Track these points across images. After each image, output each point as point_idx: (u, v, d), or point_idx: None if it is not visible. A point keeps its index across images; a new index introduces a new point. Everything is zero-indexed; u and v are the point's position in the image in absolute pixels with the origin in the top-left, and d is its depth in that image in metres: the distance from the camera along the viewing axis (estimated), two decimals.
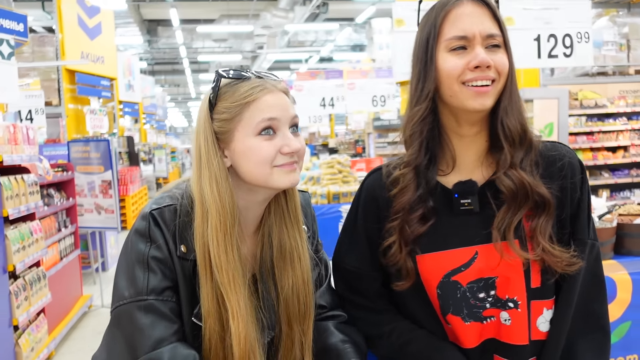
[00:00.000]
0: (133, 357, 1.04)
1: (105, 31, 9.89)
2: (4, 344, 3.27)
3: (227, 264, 1.08)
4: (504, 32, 1.12)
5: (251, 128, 1.09)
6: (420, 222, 1.13)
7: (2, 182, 3.36)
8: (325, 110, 8.74)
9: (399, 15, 3.79)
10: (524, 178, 1.09)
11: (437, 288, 1.15)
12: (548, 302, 1.15)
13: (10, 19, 4.03)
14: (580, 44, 4.08)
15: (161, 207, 1.11)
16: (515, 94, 1.12)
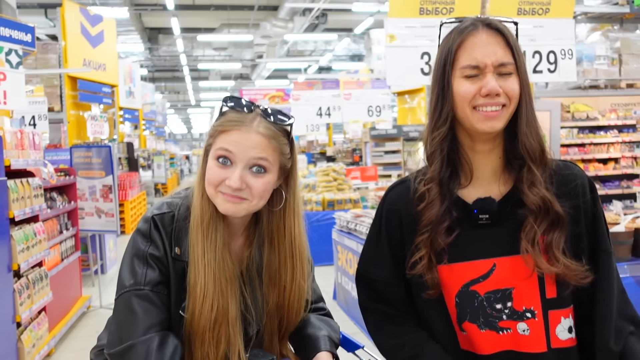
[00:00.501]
0: (128, 338, 1.19)
1: (107, 39, 10.05)
2: (7, 339, 3.42)
3: (203, 251, 1.25)
4: (516, 59, 1.17)
5: (214, 151, 1.24)
6: (446, 234, 1.20)
7: (9, 185, 3.52)
8: (322, 119, 8.91)
9: (391, 31, 3.97)
10: (545, 195, 1.16)
11: (455, 297, 1.22)
12: (565, 311, 1.20)
13: (18, 29, 4.21)
14: (564, 60, 4.26)
15: (161, 213, 1.28)
16: (531, 115, 1.18)
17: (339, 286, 5.16)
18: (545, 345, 1.18)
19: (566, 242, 1.17)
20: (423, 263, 1.21)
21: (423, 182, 1.25)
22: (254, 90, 16.43)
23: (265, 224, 1.34)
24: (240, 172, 1.21)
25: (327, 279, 5.61)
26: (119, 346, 1.19)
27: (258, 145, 1.22)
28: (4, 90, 4.08)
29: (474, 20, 1.21)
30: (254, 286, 1.36)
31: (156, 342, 1.19)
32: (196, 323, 1.24)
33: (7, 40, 4.13)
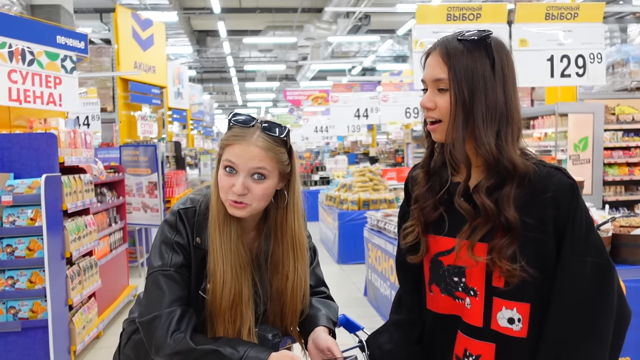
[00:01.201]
0: (155, 309, 1.41)
1: (157, 43, 10.50)
2: (61, 319, 3.77)
3: (217, 244, 1.45)
4: (452, 75, 1.25)
5: (222, 162, 1.44)
6: (432, 210, 1.38)
7: (63, 180, 3.87)
8: (359, 120, 9.07)
9: (417, 37, 4.12)
10: (484, 202, 1.25)
11: (429, 262, 1.43)
12: (510, 303, 1.28)
13: (73, 37, 4.58)
14: (593, 64, 4.30)
15: (186, 207, 1.50)
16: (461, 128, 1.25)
17: (370, 283, 5.32)
18: (481, 322, 1.33)
19: (525, 248, 1.26)
20: (411, 230, 1.43)
21: (419, 167, 1.47)
22: (298, 91, 16.70)
23: (272, 219, 1.55)
24: (242, 179, 1.41)
25: (360, 276, 5.78)
26: (148, 316, 1.41)
27: (256, 157, 1.41)
28: (59, 94, 4.45)
29: (434, 43, 1.35)
30: (262, 272, 1.56)
31: (177, 314, 1.40)
32: (217, 304, 1.45)
33: (63, 47, 4.50)
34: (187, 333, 1.39)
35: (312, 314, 1.59)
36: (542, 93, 11.75)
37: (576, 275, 1.23)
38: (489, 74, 1.26)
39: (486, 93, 1.26)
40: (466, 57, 1.26)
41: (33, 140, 3.80)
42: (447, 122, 1.29)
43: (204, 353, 1.37)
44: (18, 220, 3.60)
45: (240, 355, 1.36)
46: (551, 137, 9.02)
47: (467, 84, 1.25)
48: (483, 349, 1.33)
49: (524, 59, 4.33)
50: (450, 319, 1.41)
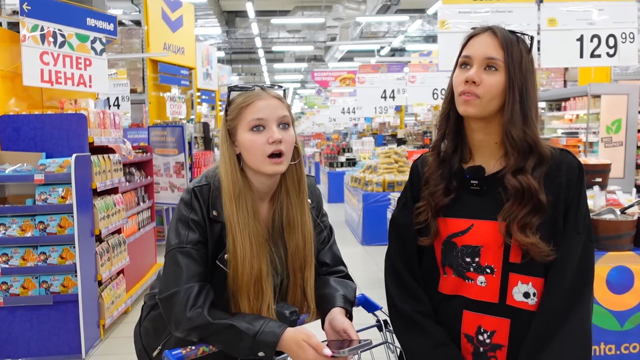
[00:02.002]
0: (173, 286, 1.44)
1: (185, 24, 10.56)
2: (91, 294, 3.91)
3: (235, 219, 1.48)
4: (507, 58, 1.33)
5: (246, 124, 1.48)
6: (443, 195, 1.42)
7: (92, 160, 3.98)
8: (386, 102, 9.01)
9: (443, 17, 4.07)
10: (531, 183, 1.32)
11: (442, 244, 1.46)
12: (525, 277, 1.36)
13: (102, 19, 4.66)
14: (624, 44, 4.18)
15: (200, 185, 1.53)
16: (519, 109, 1.33)
17: None
18: (497, 298, 1.39)
19: (543, 224, 1.34)
20: (422, 211, 1.46)
21: (430, 149, 1.51)
22: (326, 72, 16.63)
23: (290, 177, 1.57)
24: (275, 129, 1.46)
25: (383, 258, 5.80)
26: (166, 292, 1.45)
27: (278, 107, 1.48)
28: (89, 75, 4.55)
29: (481, 27, 1.41)
30: (277, 243, 1.58)
31: (195, 290, 1.43)
32: (239, 280, 1.48)
33: (93, 29, 4.59)
34: (204, 308, 1.41)
35: (330, 293, 1.59)
36: (575, 74, 11.47)
37: (574, 251, 1.34)
38: (531, 68, 1.38)
39: (532, 83, 1.37)
40: (518, 47, 1.37)
41: (64, 120, 3.91)
42: (486, 100, 1.34)
43: (221, 328, 1.40)
44: (50, 198, 3.73)
45: (256, 329, 1.38)
46: (583, 119, 8.84)
47: (521, 71, 1.35)
48: (498, 325, 1.40)
49: (553, 39, 4.24)
50: (454, 299, 1.45)
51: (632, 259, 3.31)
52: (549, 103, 10.21)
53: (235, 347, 1.40)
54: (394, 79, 8.87)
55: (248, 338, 1.38)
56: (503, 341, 1.39)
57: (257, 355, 1.39)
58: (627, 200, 3.61)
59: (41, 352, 3.75)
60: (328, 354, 1.33)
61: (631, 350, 3.35)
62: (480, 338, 1.42)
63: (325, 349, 1.34)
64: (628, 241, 3.32)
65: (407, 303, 1.48)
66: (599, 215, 3.37)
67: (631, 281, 3.31)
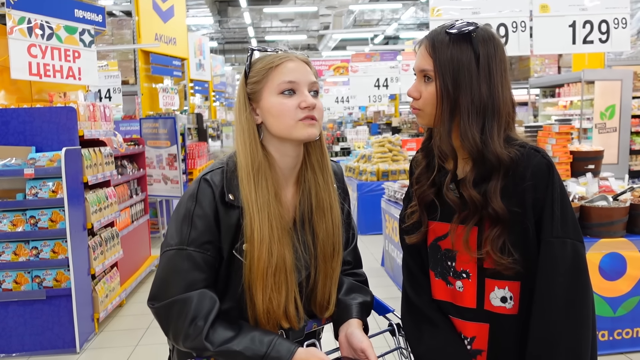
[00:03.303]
0: (169, 295, 1.27)
1: (177, 14, 10.47)
2: (84, 288, 3.89)
3: (253, 198, 1.31)
4: (437, 66, 1.28)
5: (274, 87, 1.31)
6: (429, 188, 1.40)
7: (83, 153, 3.95)
8: (379, 90, 8.98)
9: (434, 4, 4.03)
10: (472, 195, 1.28)
11: (428, 247, 1.46)
12: (501, 282, 1.33)
13: (90, 11, 4.60)
14: (617, 30, 4.16)
15: (211, 170, 1.35)
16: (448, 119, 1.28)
17: (387, 253, 5.36)
18: (475, 303, 1.37)
19: (510, 236, 1.29)
20: (416, 212, 1.44)
21: (419, 150, 1.51)
22: (320, 61, 16.54)
23: (314, 155, 1.42)
24: (307, 93, 1.32)
25: (378, 247, 5.82)
26: (161, 302, 1.28)
27: (309, 71, 1.35)
28: (78, 67, 4.51)
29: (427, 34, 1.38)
30: (304, 233, 1.42)
31: (194, 302, 1.26)
32: (256, 268, 1.30)
33: (81, 21, 4.53)
34: (206, 325, 1.25)
35: (347, 301, 1.46)
36: (569, 60, 11.45)
37: (558, 257, 1.26)
38: (474, 67, 1.28)
39: (471, 86, 1.28)
40: (451, 49, 1.28)
41: (53, 113, 3.87)
42: (429, 111, 1.33)
43: (221, 353, 1.25)
44: (40, 192, 3.70)
45: (262, 353, 1.24)
46: (577, 105, 8.82)
47: (452, 76, 1.28)
48: (477, 330, 1.39)
49: (545, 25, 4.21)
50: (444, 305, 1.44)
51: (624, 245, 3.32)
52: (542, 90, 10.21)
53: None
54: (387, 68, 8.83)
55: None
56: (483, 346, 1.38)
57: None
58: (619, 187, 3.61)
59: (35, 347, 3.74)
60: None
61: (624, 336, 3.37)
62: None
63: None
64: (620, 228, 3.33)
65: (420, 297, 1.47)
66: (592, 202, 3.37)
67: (624, 267, 3.32)
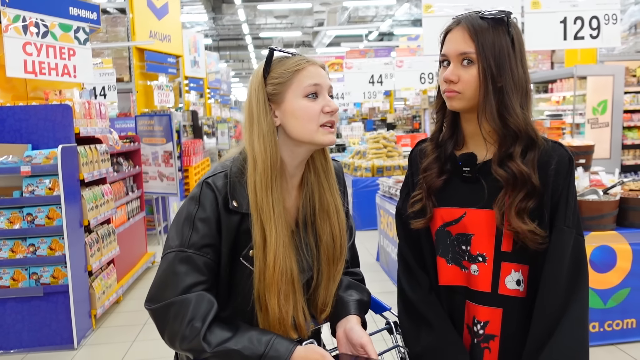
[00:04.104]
0: (167, 296, 1.26)
1: (171, 11, 10.47)
2: (81, 284, 3.92)
3: (268, 205, 1.30)
4: (479, 50, 1.32)
5: (300, 90, 1.32)
6: (436, 177, 1.43)
7: (79, 150, 3.97)
8: (374, 87, 9.01)
9: (428, 1, 4.07)
10: (522, 168, 1.32)
11: (435, 234, 1.47)
12: (517, 265, 1.37)
13: (85, 8, 4.61)
14: (607, 26, 4.20)
15: (214, 174, 1.34)
16: (494, 99, 1.33)
17: (381, 249, 5.40)
18: (490, 287, 1.39)
19: (535, 210, 1.34)
20: (419, 197, 1.47)
21: (428, 140, 1.54)
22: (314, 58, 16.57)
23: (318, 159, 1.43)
24: (328, 98, 1.35)
25: (373, 242, 5.86)
26: (158, 304, 1.27)
27: (327, 76, 1.37)
28: (73, 65, 4.52)
29: (454, 20, 1.41)
30: (306, 235, 1.43)
31: (192, 303, 1.25)
32: (270, 275, 1.29)
33: (76, 18, 4.54)
34: (203, 326, 1.24)
35: (345, 298, 1.46)
36: (562, 55, 11.50)
37: (566, 245, 1.32)
38: (511, 50, 1.35)
39: (511, 68, 1.34)
40: (491, 33, 1.34)
41: (49, 111, 3.89)
42: (469, 94, 1.35)
43: (219, 353, 1.23)
44: (37, 189, 3.72)
45: (260, 352, 1.23)
46: (569, 100, 8.88)
47: (495, 59, 1.33)
48: (491, 315, 1.40)
49: (537, 22, 4.25)
50: (456, 290, 1.45)
51: (614, 238, 3.37)
52: (536, 85, 10.25)
53: None
54: (382, 64, 8.87)
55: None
56: (496, 331, 1.40)
57: None
58: (610, 181, 3.66)
59: (33, 344, 3.77)
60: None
61: (614, 327, 3.43)
62: (475, 329, 1.42)
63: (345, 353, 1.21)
64: (610, 221, 3.38)
65: (415, 293, 1.48)
66: (583, 196, 3.42)
67: (614, 260, 3.37)
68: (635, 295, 3.41)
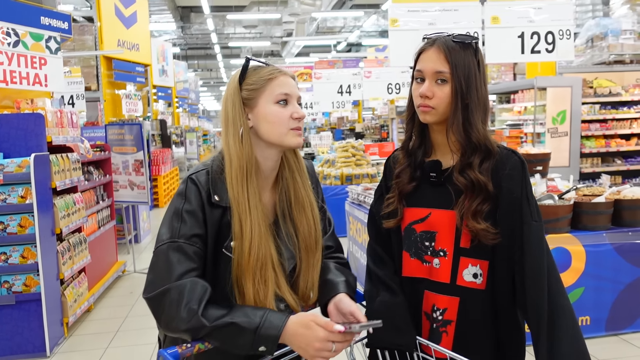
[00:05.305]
0: (163, 283, 1.34)
1: (140, 20, 10.46)
2: (53, 293, 3.93)
3: (244, 198, 1.42)
4: (452, 70, 1.48)
5: (272, 97, 1.45)
6: (407, 183, 1.62)
7: (51, 159, 3.99)
8: (342, 97, 9.18)
9: (394, 15, 4.25)
10: (479, 177, 1.49)
11: (404, 230, 1.64)
12: (474, 260, 1.53)
13: (56, 18, 4.64)
14: (562, 41, 4.46)
15: (197, 171, 1.47)
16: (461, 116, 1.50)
17: (351, 254, 5.54)
18: (449, 279, 1.57)
19: (490, 212, 1.52)
20: (392, 201, 1.64)
21: (399, 149, 1.71)
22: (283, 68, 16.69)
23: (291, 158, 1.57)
24: (297, 105, 1.49)
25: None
26: (155, 291, 1.34)
27: (296, 86, 1.53)
28: (44, 74, 4.54)
29: (429, 40, 1.58)
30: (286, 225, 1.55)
31: (188, 287, 1.33)
32: (245, 262, 1.40)
33: (47, 28, 4.57)
34: (199, 307, 1.31)
35: (333, 279, 1.57)
36: (524, 67, 11.90)
37: (535, 235, 1.51)
38: (477, 71, 1.53)
39: (477, 87, 1.52)
40: (462, 56, 1.51)
41: (21, 120, 3.90)
42: (441, 110, 1.53)
43: (218, 327, 1.30)
44: (9, 198, 3.73)
45: (256, 323, 1.31)
46: (530, 110, 9.21)
47: (465, 79, 1.50)
48: (449, 303, 1.57)
49: (496, 36, 4.48)
50: (417, 281, 1.62)
51: (569, 240, 3.58)
52: (499, 96, 10.59)
53: (235, 344, 1.32)
54: (350, 75, 9.06)
55: (249, 333, 1.30)
56: (452, 317, 1.57)
57: (257, 350, 1.31)
58: (565, 187, 3.88)
59: (4, 352, 3.76)
60: (340, 329, 1.29)
61: None
62: (434, 315, 1.58)
63: (337, 325, 1.30)
64: (565, 224, 3.59)
65: (381, 270, 1.65)
66: (539, 201, 3.62)
67: (569, 261, 3.58)
68: (589, 294, 3.62)
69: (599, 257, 3.60)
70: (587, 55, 10.74)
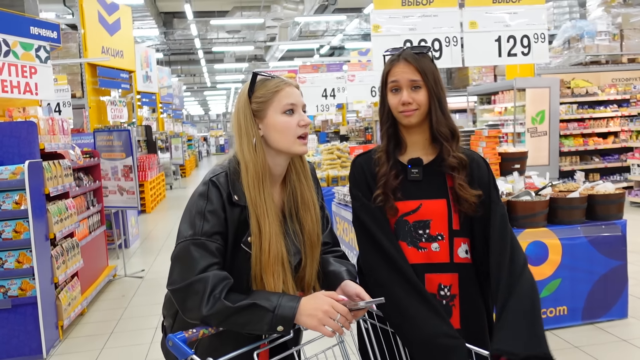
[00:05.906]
0: (187, 277, 1.47)
1: (123, 27, 10.50)
2: (48, 296, 4.01)
3: (261, 201, 1.56)
4: (424, 77, 1.72)
5: (279, 108, 1.58)
6: (393, 180, 1.79)
7: (44, 165, 4.08)
8: (327, 100, 9.33)
9: (376, 22, 4.40)
10: (461, 157, 1.77)
11: (394, 224, 1.81)
12: (464, 239, 1.77)
13: (46, 27, 4.73)
14: (537, 44, 4.65)
15: (217, 174, 1.58)
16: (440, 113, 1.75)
17: None
18: (449, 258, 1.78)
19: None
20: (381, 198, 1.80)
21: (378, 152, 1.87)
22: (267, 72, 16.77)
23: (297, 162, 1.71)
24: (303, 113, 1.63)
25: None
26: (180, 284, 1.47)
27: (300, 95, 1.66)
28: (35, 83, 4.62)
29: (398, 53, 1.78)
30: (293, 224, 1.69)
31: (210, 279, 1.46)
32: (265, 259, 1.54)
33: (37, 37, 4.65)
34: (222, 293, 1.44)
35: (336, 270, 1.71)
36: (504, 69, 12.15)
37: (499, 214, 1.77)
38: (438, 72, 1.80)
39: (441, 85, 1.78)
40: (427, 63, 1.76)
41: (14, 128, 3.99)
42: (422, 110, 1.75)
43: (241, 309, 1.43)
44: (4, 204, 3.81)
45: (274, 304, 1.44)
46: (510, 111, 9.43)
47: (435, 82, 1.75)
48: (451, 279, 1.78)
49: (474, 40, 4.66)
50: (416, 267, 1.78)
51: (546, 234, 3.75)
52: (480, 97, 10.82)
53: (255, 325, 1.44)
54: (334, 78, 9.22)
55: (268, 314, 1.43)
56: (456, 291, 1.78)
57: (276, 330, 1.43)
58: (541, 183, 4.06)
59: (2, 355, 3.83)
60: (344, 298, 1.46)
61: (548, 314, 3.81)
62: (442, 293, 1.77)
63: (341, 295, 1.48)
64: (542, 219, 3.76)
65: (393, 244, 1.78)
66: (517, 197, 3.80)
67: (546, 254, 3.75)
68: (566, 285, 3.80)
69: (575, 250, 3.78)
70: (564, 56, 11.02)
